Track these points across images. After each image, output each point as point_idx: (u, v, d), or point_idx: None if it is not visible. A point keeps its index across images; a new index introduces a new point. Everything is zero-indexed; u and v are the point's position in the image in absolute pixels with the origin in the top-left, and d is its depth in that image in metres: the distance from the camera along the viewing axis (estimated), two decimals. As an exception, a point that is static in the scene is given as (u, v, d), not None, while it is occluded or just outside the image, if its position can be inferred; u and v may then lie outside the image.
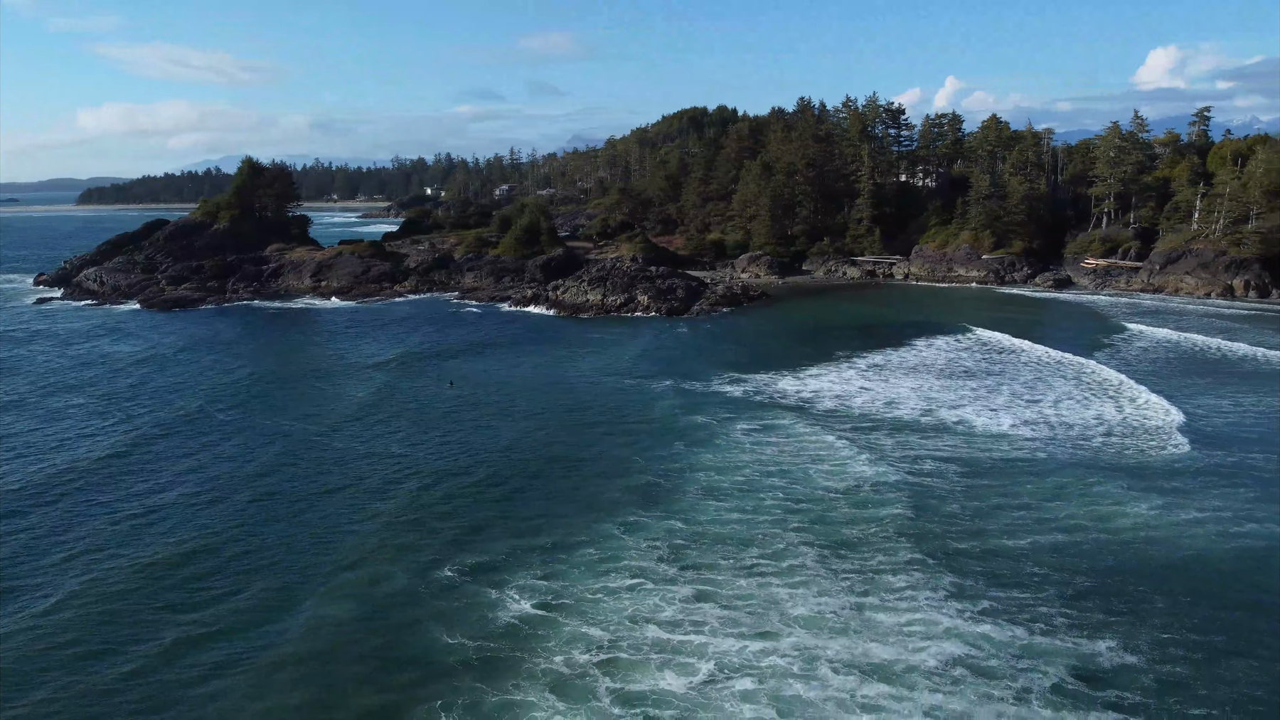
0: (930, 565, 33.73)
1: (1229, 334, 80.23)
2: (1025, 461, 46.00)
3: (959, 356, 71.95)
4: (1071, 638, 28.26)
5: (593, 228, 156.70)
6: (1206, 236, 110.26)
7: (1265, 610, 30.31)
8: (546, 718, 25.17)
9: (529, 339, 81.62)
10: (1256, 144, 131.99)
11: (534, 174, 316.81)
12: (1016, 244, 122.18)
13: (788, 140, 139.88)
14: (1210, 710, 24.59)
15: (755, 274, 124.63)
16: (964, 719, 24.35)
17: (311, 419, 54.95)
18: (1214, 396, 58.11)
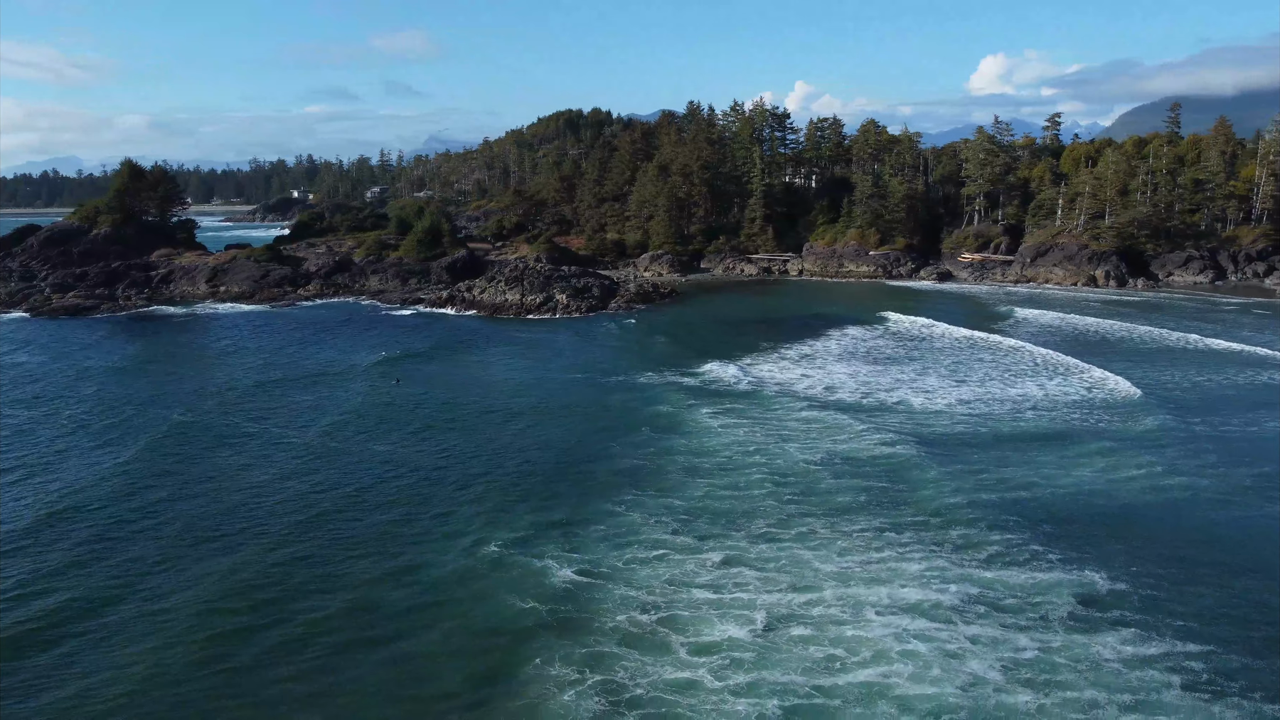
0: (928, 524, 37.65)
1: (1101, 316, 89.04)
2: (969, 434, 50.89)
3: (878, 344, 77.40)
4: (1067, 573, 32.55)
5: (488, 229, 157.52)
6: (1070, 232, 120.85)
7: (1200, 544, 35.53)
8: (637, 667, 27.52)
9: (462, 339, 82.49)
10: (1103, 147, 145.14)
11: (407, 176, 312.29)
12: (899, 240, 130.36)
13: (681, 143, 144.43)
14: (1188, 622, 29.03)
15: (658, 272, 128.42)
16: (1004, 642, 28.12)
17: (304, 426, 53.96)
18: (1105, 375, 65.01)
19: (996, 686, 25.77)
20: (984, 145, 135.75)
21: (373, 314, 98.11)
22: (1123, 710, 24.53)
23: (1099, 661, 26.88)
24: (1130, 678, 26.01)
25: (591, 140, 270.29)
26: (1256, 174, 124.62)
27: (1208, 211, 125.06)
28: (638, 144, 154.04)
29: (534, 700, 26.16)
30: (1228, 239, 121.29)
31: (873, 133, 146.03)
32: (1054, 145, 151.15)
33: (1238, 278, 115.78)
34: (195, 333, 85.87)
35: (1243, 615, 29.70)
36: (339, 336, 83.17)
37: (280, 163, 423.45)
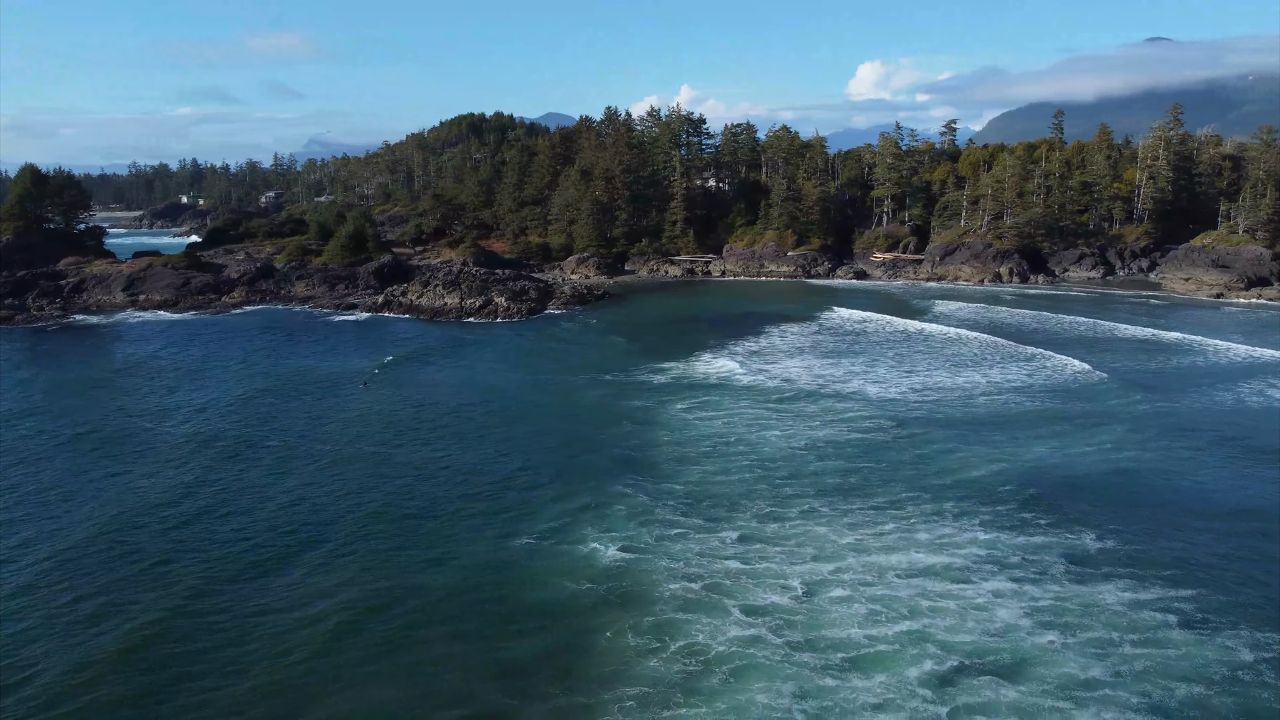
0: (921, 498, 41.30)
1: (1014, 307, 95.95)
2: (930, 418, 55.06)
3: (820, 339, 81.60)
4: (1057, 536, 36.56)
5: (406, 233, 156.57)
6: (974, 232, 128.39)
7: (1161, 506, 40.16)
8: (708, 630, 30.01)
9: (415, 343, 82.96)
10: (996, 151, 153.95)
11: (303, 180, 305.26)
12: (815, 241, 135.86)
13: (602, 148, 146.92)
14: (1171, 570, 33.26)
15: (585, 274, 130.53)
16: (1020, 594, 31.72)
17: (321, 438, 53.07)
18: (1039, 362, 70.58)
19: (1026, 630, 29.30)
20: (890, 150, 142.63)
21: (312, 320, 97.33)
22: (1135, 646, 28.32)
23: (1105, 607, 30.73)
24: (1134, 619, 29.90)
25: (496, 144, 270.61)
26: (1137, 177, 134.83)
27: (1095, 212, 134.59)
28: (557, 149, 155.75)
29: (620, 666, 28.41)
30: (1114, 237, 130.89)
31: (785, 138, 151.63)
32: (951, 149, 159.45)
33: (1125, 273, 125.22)
34: (141, 343, 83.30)
35: (1214, 562, 34.16)
36: (298, 344, 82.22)
37: (163, 167, 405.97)
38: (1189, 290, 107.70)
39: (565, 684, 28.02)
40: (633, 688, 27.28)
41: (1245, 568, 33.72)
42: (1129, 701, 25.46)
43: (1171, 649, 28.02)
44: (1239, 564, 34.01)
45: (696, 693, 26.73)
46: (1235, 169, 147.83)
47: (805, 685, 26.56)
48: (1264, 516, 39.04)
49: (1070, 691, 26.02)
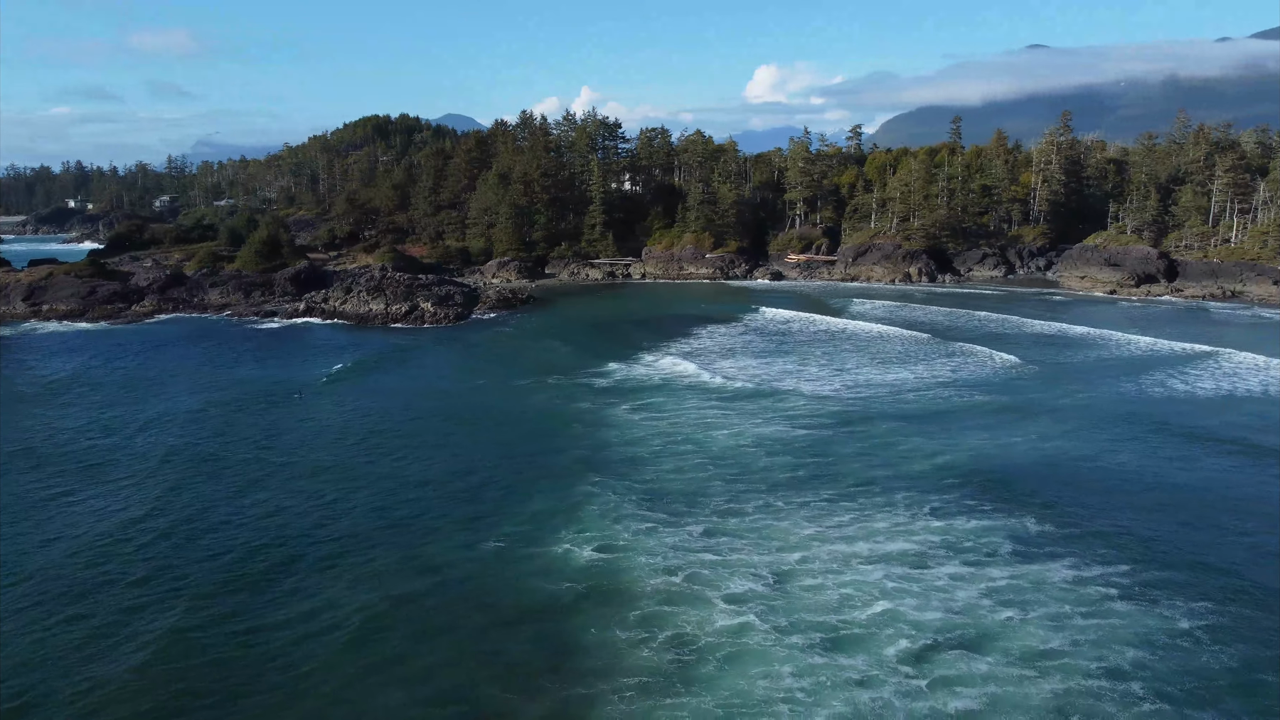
0: (871, 490, 43.65)
1: (927, 304, 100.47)
2: (865, 413, 57.70)
3: (749, 339, 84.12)
4: (1000, 520, 39.28)
5: (319, 238, 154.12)
6: (885, 233, 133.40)
7: (1088, 490, 43.43)
8: (694, 621, 31.51)
9: (347, 351, 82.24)
10: (900, 155, 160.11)
11: (200, 183, 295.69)
12: (732, 243, 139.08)
13: (519, 152, 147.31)
14: (1106, 549, 36.23)
15: (506, 278, 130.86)
16: (976, 576, 34.18)
17: (288, 448, 52.49)
18: (961, 358, 74.38)
19: (987, 608, 31.71)
20: (802, 155, 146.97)
21: (236, 329, 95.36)
22: (1085, 618, 30.97)
23: (1053, 584, 33.42)
24: (1081, 594, 32.63)
25: (403, 146, 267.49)
26: (1032, 180, 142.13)
27: (995, 214, 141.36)
28: (473, 152, 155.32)
29: (612, 659, 29.69)
30: (1013, 237, 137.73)
31: (700, 142, 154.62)
32: (858, 154, 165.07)
33: (1025, 271, 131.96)
34: (62, 356, 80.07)
35: (1141, 539, 37.32)
36: (231, 353, 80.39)
37: (44, 169, 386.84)
38: (1085, 287, 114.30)
39: (560, 678, 29.13)
40: (630, 678, 28.55)
41: (1170, 543, 36.96)
42: (1087, 668, 27.95)
43: (1117, 619, 30.76)
44: (1164, 540, 37.25)
45: (695, 680, 28.19)
46: (1119, 172, 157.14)
47: (799, 666, 28.32)
48: (1179, 494, 42.70)
49: (1034, 661, 28.41)
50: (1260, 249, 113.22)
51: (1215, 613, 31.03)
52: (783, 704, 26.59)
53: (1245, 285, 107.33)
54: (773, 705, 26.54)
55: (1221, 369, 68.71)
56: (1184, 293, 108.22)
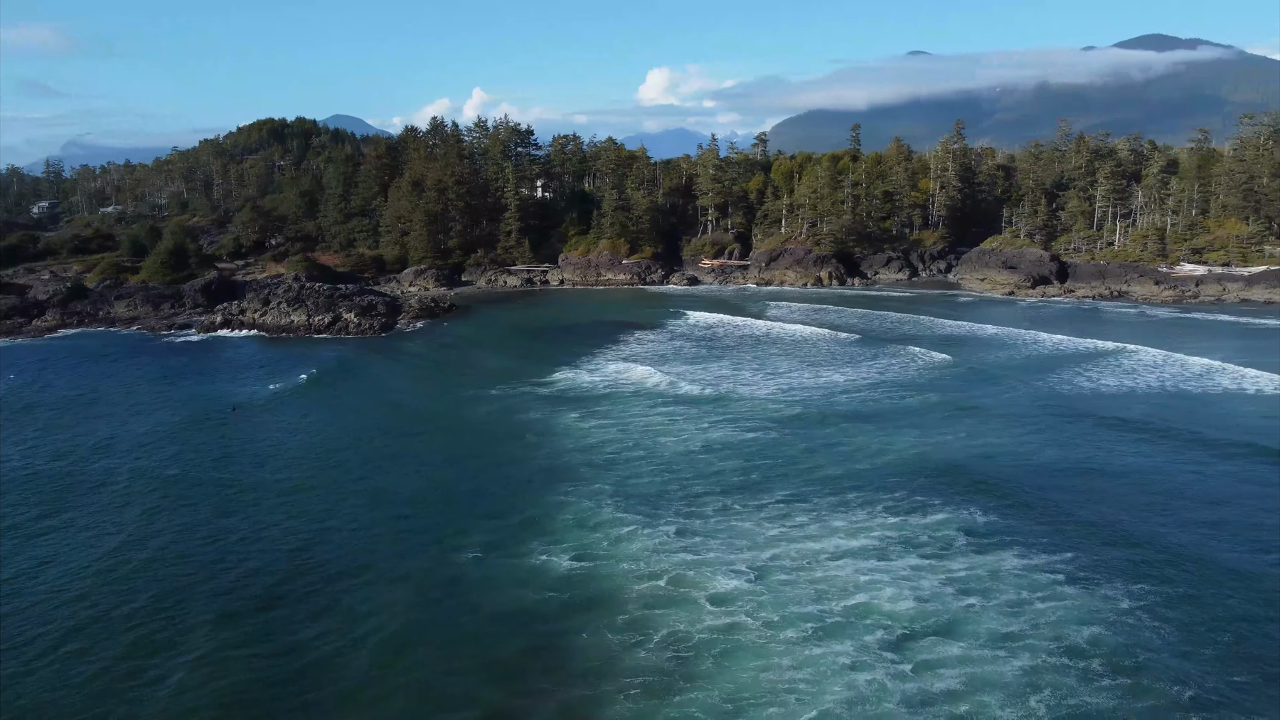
0: (822, 490, 46.10)
1: (844, 305, 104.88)
2: (804, 415, 60.34)
3: (679, 345, 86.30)
4: (949, 514, 42.23)
5: (223, 246, 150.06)
6: (795, 238, 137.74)
7: (1023, 484, 46.84)
8: (687, 620, 33.24)
9: (278, 364, 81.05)
10: (804, 161, 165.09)
11: (84, 188, 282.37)
12: (647, 249, 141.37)
13: (432, 159, 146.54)
14: (1049, 538, 39.49)
15: (424, 287, 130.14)
16: (936, 567, 36.89)
17: (234, 469, 52.33)
18: (885, 360, 78.10)
19: (950, 596, 34.41)
20: (712, 161, 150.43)
21: (152, 343, 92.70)
22: (1040, 601, 33.91)
23: (1007, 572, 36.37)
24: (1032, 580, 35.63)
25: (300, 150, 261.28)
26: (931, 187, 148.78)
27: (897, 218, 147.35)
28: (384, 159, 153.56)
29: (607, 660, 31.17)
30: (915, 241, 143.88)
31: (612, 149, 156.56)
32: (764, 160, 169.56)
33: (927, 274, 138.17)
34: None
35: (1080, 528, 40.74)
36: (159, 369, 77.98)
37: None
38: (985, 289, 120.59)
39: (559, 679, 30.56)
40: (632, 677, 30.11)
41: (1104, 529, 40.47)
42: (1048, 646, 30.77)
43: (1068, 601, 33.81)
44: (1098, 526, 40.75)
45: (696, 676, 29.94)
46: (1007, 177, 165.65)
47: (794, 657, 30.38)
48: (1107, 483, 46.61)
49: (1000, 643, 31.12)
50: (1141, 251, 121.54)
51: (1152, 592, 34.40)
52: (786, 693, 28.60)
53: (1130, 285, 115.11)
54: (778, 694, 28.51)
55: (1123, 365, 73.99)
56: (1075, 293, 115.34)
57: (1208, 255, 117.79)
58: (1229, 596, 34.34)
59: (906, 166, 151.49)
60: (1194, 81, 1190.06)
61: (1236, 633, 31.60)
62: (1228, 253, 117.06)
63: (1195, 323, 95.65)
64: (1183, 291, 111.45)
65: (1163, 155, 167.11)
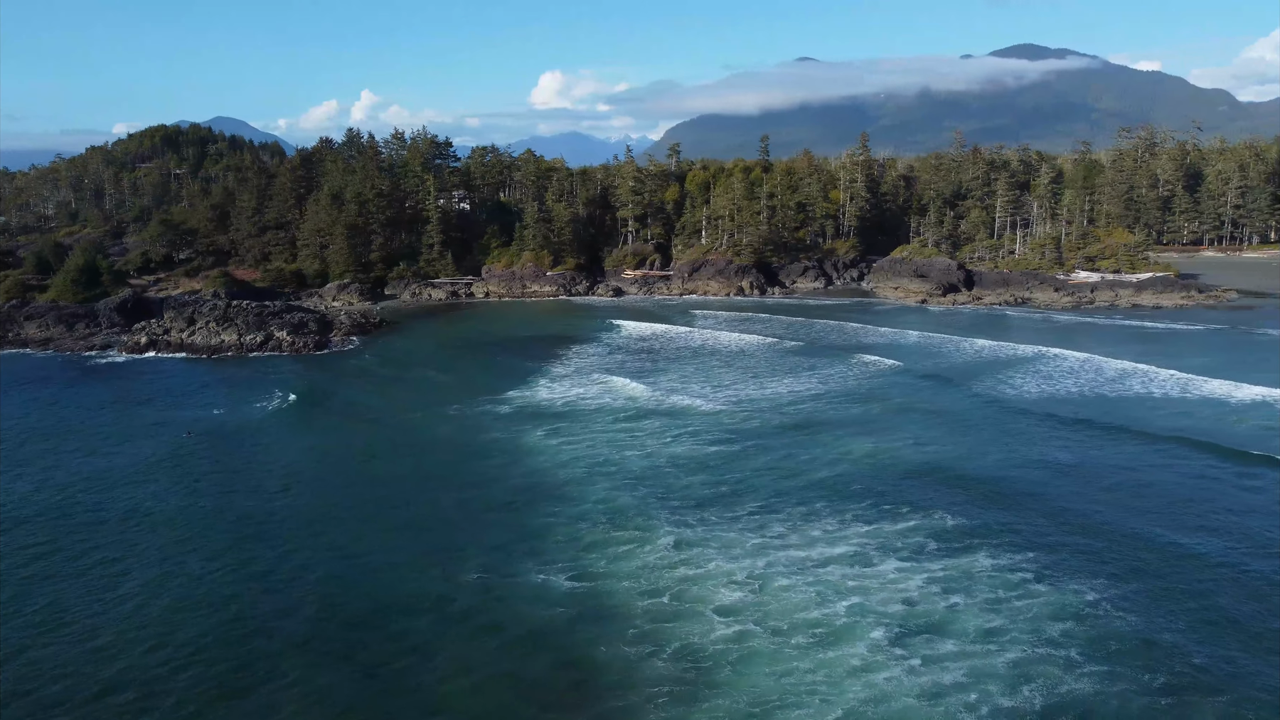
0: (789, 501, 48.79)
1: (770, 314, 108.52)
2: (759, 428, 63.16)
3: (620, 358, 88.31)
4: (919, 519, 45.57)
5: (131, 261, 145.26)
6: (716, 249, 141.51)
7: (980, 485, 50.63)
8: (698, 632, 35.49)
9: (216, 387, 79.90)
10: (716, 173, 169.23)
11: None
12: (570, 261, 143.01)
13: (350, 171, 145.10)
14: (1014, 538, 43.16)
15: (348, 302, 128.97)
16: (916, 569, 40.04)
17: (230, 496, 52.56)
18: (823, 369, 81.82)
19: (935, 596, 37.59)
20: (632, 173, 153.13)
21: (74, 366, 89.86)
22: (1015, 599, 37.32)
23: (980, 572, 39.79)
24: (1005, 579, 39.11)
25: (196, 158, 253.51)
26: (842, 197, 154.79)
27: (810, 229, 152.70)
28: (299, 171, 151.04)
29: (627, 673, 33.06)
30: (829, 251, 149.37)
31: (532, 161, 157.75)
32: (679, 171, 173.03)
33: (841, 282, 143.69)
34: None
35: (1037, 528, 44.54)
36: (91, 394, 76.26)
37: None
38: (899, 297, 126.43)
39: (588, 693, 32.45)
40: (656, 688, 32.15)
41: (1059, 527, 44.43)
42: (1028, 639, 34.14)
43: (1040, 598, 37.35)
44: (1054, 525, 44.70)
45: (718, 684, 32.16)
46: (908, 187, 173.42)
47: (808, 660, 32.98)
48: (1054, 481, 50.93)
49: (988, 638, 34.34)
50: (1040, 259, 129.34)
51: (1111, 585, 38.24)
52: (808, 694, 31.13)
53: (1032, 292, 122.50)
54: (800, 696, 31.02)
55: (1047, 368, 79.38)
56: (983, 301, 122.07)
57: (1100, 263, 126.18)
58: (1181, 583, 38.45)
59: (819, 178, 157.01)
60: (1063, 89, 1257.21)
61: (1191, 618, 35.60)
62: (1117, 260, 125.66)
63: (1097, 327, 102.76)
64: (1080, 298, 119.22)
65: (1050, 167, 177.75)
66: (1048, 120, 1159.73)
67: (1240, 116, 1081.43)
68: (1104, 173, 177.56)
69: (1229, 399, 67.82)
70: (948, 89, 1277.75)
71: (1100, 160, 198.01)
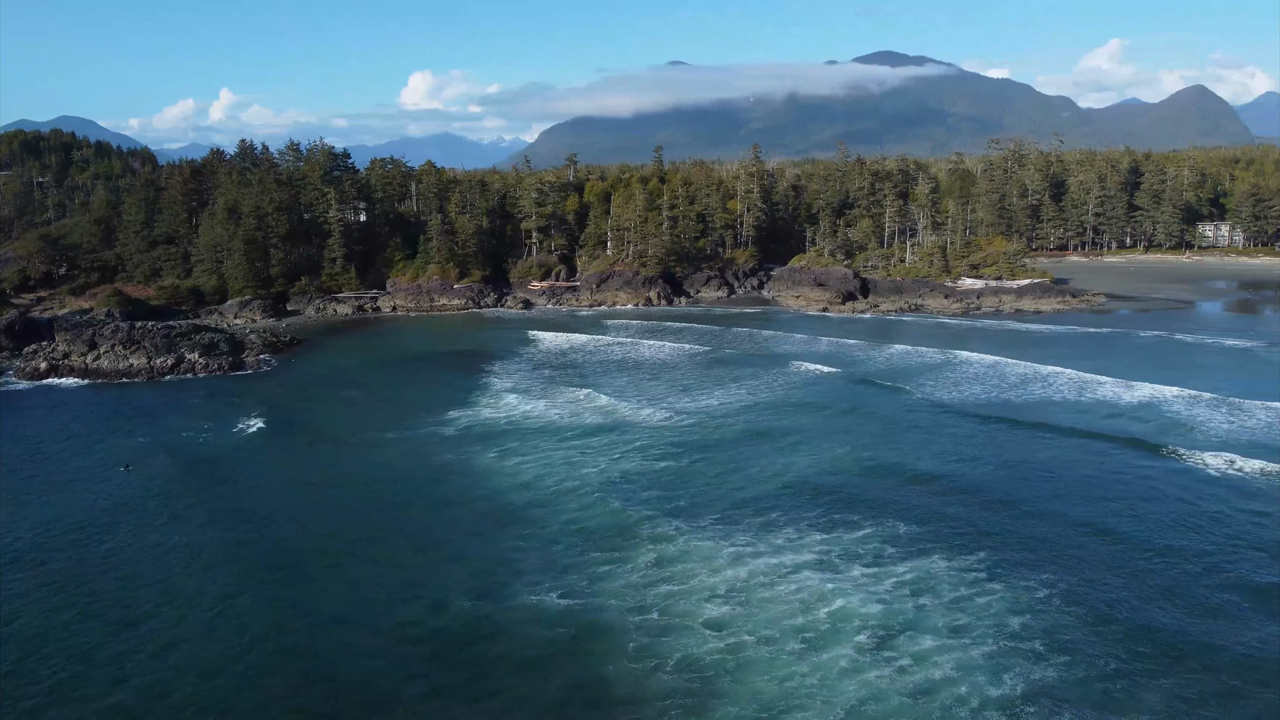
0: (745, 512, 51.33)
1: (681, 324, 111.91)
2: (701, 441, 65.64)
3: (550, 373, 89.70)
4: (873, 527, 48.99)
5: (8, 279, 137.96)
6: (622, 260, 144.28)
7: (913, 491, 54.69)
8: (693, 644, 37.85)
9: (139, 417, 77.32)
10: (614, 183, 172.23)
11: None
12: (476, 273, 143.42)
13: (247, 184, 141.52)
14: (965, 540, 47.12)
15: (251, 319, 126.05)
16: (883, 573, 43.38)
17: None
18: (753, 376, 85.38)
19: (905, 598, 41.02)
20: (535, 185, 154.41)
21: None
22: (976, 597, 41.04)
23: (940, 574, 43.42)
24: (963, 578, 42.85)
25: (60, 165, 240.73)
26: (739, 208, 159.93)
27: (710, 238, 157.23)
28: (189, 184, 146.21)
29: (637, 687, 35.02)
30: (729, 260, 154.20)
31: (433, 172, 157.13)
32: (577, 181, 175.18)
33: (743, 291, 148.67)
34: None
35: (982, 529, 48.61)
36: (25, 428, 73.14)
37: None
38: (801, 305, 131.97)
39: (604, 710, 34.34)
40: (666, 700, 34.26)
41: (1002, 526, 48.67)
42: (997, 633, 37.76)
43: (996, 595, 41.22)
44: (994, 526, 48.92)
45: (721, 694, 34.36)
46: (797, 195, 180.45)
47: (804, 664, 35.78)
48: (989, 481, 55.44)
49: (961, 634, 37.82)
50: (929, 268, 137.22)
51: (1057, 580, 42.35)
52: (808, 697, 33.79)
53: (924, 299, 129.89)
54: (802, 700, 33.66)
55: (959, 372, 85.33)
56: (880, 308, 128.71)
57: (983, 270, 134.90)
58: (1112, 573, 43.00)
59: (718, 189, 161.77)
60: (922, 94, 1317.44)
61: (1127, 607, 40.08)
62: (999, 267, 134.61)
63: (990, 331, 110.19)
64: (968, 304, 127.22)
65: (927, 176, 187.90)
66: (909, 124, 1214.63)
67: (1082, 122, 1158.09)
68: (977, 182, 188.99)
69: (1120, 399, 74.62)
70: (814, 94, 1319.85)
71: (971, 170, 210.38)
